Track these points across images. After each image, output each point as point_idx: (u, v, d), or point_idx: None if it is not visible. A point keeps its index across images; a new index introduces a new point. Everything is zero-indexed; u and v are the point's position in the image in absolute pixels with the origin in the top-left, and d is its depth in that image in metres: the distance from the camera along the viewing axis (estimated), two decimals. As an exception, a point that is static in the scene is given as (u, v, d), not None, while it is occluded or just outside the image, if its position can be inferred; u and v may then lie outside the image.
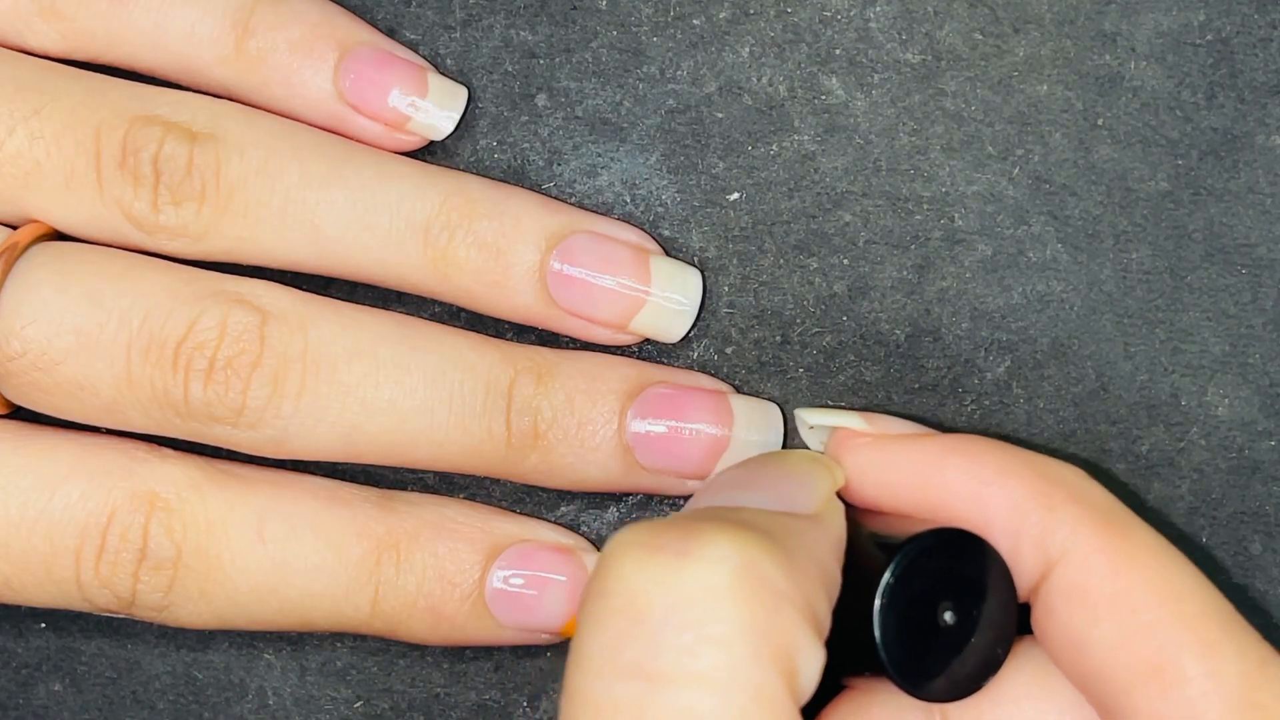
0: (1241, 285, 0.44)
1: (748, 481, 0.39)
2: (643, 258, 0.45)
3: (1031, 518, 0.39)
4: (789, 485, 0.39)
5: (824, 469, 0.40)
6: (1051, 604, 0.38)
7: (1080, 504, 0.39)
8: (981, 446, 0.40)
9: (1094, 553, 0.38)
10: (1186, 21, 0.45)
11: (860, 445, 0.41)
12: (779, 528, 0.36)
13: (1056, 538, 0.38)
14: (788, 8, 0.45)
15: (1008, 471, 0.39)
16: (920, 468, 0.40)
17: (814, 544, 0.37)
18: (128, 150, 0.43)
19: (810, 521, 0.38)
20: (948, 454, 0.40)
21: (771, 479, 0.39)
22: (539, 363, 0.44)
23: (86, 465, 0.43)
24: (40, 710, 0.48)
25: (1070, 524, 0.38)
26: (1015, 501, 0.39)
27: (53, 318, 0.42)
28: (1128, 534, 0.38)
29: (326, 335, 0.43)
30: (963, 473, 0.39)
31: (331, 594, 0.44)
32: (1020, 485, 0.39)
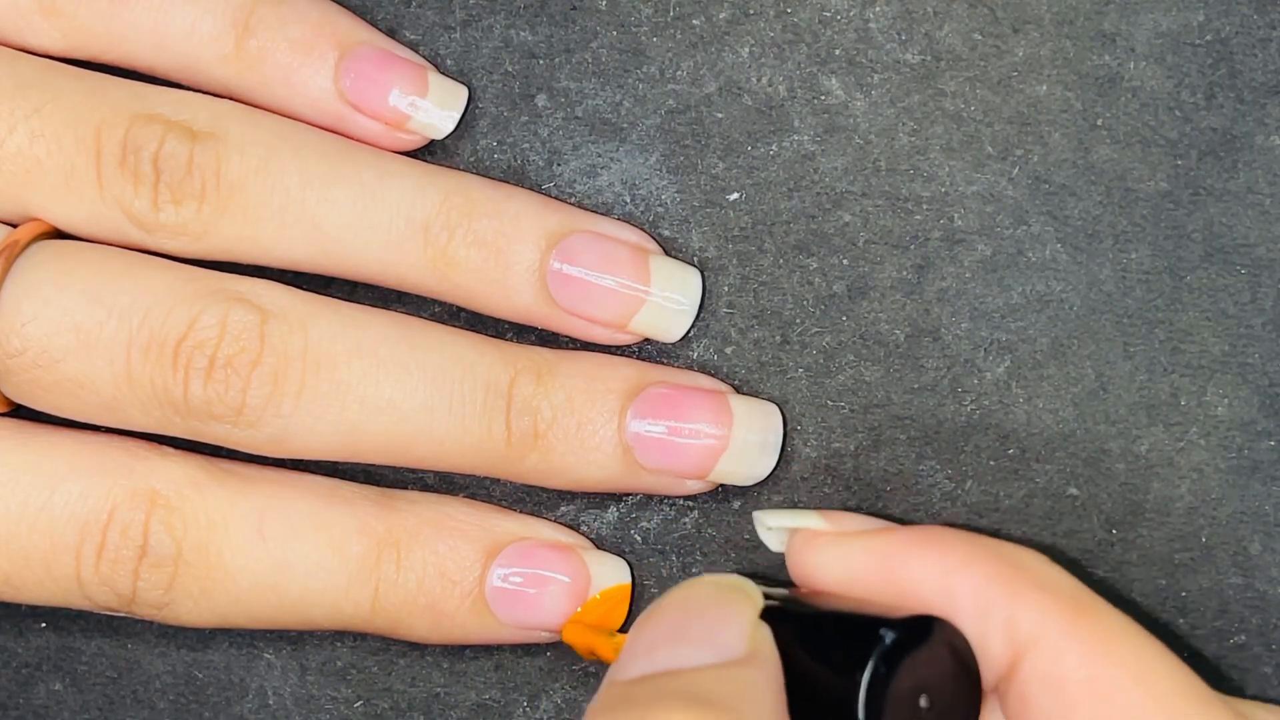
0: (1241, 285, 0.44)
1: (675, 634, 0.38)
2: (642, 257, 0.45)
3: (998, 604, 0.38)
4: (715, 629, 0.38)
5: (740, 594, 0.40)
6: (1024, 692, 0.38)
7: (1045, 590, 0.39)
8: (944, 536, 0.40)
9: (1064, 639, 0.38)
10: (1186, 22, 0.45)
11: (822, 544, 0.41)
12: (724, 687, 0.36)
13: (1024, 624, 0.38)
14: (788, 8, 0.45)
15: (971, 560, 0.39)
16: (884, 561, 0.40)
17: (758, 691, 0.37)
18: (128, 149, 0.43)
19: (748, 665, 0.37)
20: (911, 546, 0.40)
21: (696, 626, 0.38)
22: (539, 362, 0.44)
23: (87, 463, 0.43)
24: (40, 710, 0.48)
25: (1038, 610, 0.38)
26: (981, 589, 0.39)
27: (53, 315, 0.42)
28: (1096, 618, 0.38)
29: (327, 334, 0.43)
30: (927, 564, 0.39)
31: (332, 591, 0.44)
32: (985, 572, 0.39)
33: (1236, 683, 0.45)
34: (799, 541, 0.41)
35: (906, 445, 0.45)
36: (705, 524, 0.46)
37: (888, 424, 0.45)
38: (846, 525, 0.41)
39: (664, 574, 0.46)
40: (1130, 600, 0.45)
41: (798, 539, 0.41)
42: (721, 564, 0.46)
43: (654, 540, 0.46)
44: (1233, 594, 0.45)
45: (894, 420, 0.45)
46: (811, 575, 0.41)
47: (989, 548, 0.39)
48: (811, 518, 0.42)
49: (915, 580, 0.39)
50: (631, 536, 0.46)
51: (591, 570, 0.45)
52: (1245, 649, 0.45)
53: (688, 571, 0.46)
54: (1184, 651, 0.43)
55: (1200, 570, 0.45)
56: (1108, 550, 0.45)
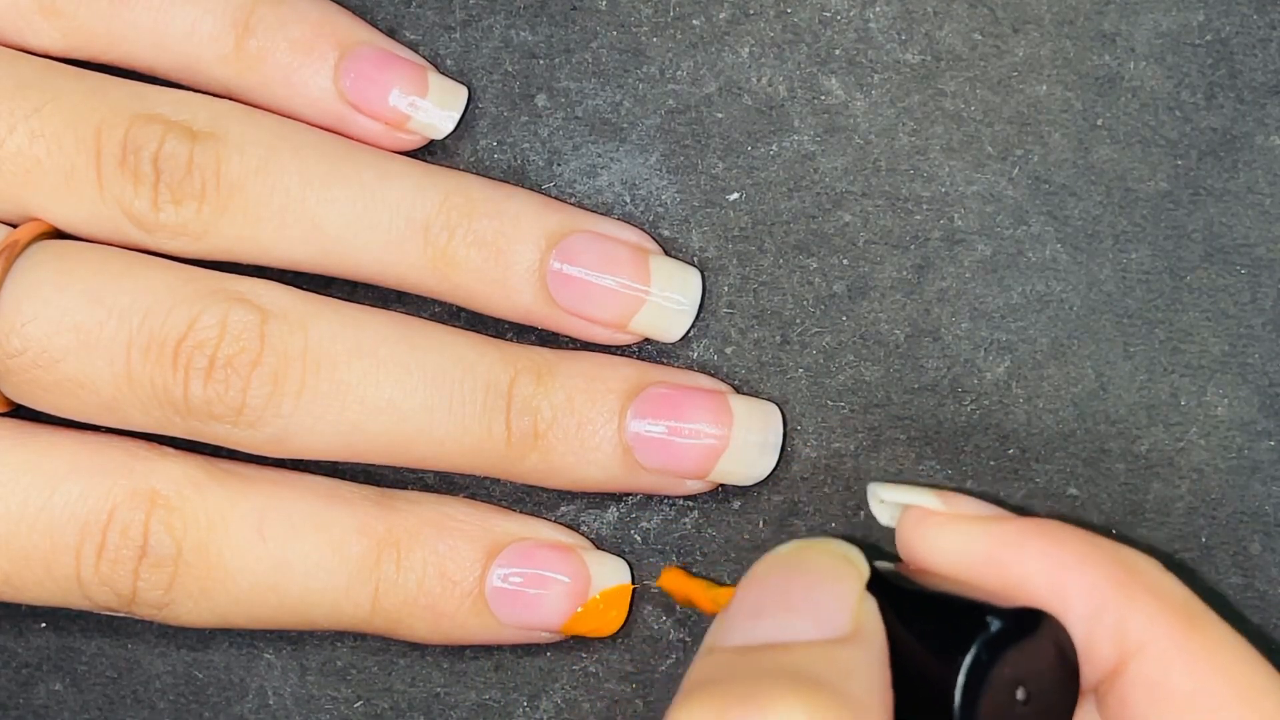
0: (1241, 285, 0.45)
1: (783, 602, 0.38)
2: (642, 257, 0.45)
3: (1110, 607, 0.38)
4: (824, 601, 0.38)
5: (849, 565, 0.39)
6: (1126, 696, 0.38)
7: (1158, 597, 0.38)
8: (1061, 531, 0.39)
9: (1172, 648, 0.38)
10: (1186, 22, 0.45)
11: (935, 525, 0.40)
12: (833, 667, 0.36)
13: (1134, 629, 0.38)
14: (788, 8, 0.45)
15: (1087, 559, 0.39)
16: (997, 549, 0.39)
17: (866, 671, 0.37)
18: (128, 149, 0.43)
19: (854, 643, 0.37)
20: (1026, 537, 0.39)
21: (806, 596, 0.38)
22: (539, 362, 0.44)
23: (87, 463, 0.43)
24: (40, 710, 0.48)
25: (1149, 617, 0.38)
26: (1094, 589, 0.38)
27: (53, 315, 0.42)
28: (1205, 630, 0.38)
29: (327, 334, 0.43)
30: (1042, 557, 0.39)
31: (332, 592, 0.44)
32: (1100, 573, 0.39)
33: (1236, 683, 0.45)
34: (912, 518, 0.41)
35: (906, 445, 0.45)
36: (705, 524, 0.46)
37: (888, 424, 0.45)
38: (962, 507, 0.41)
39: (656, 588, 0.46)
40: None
41: (911, 515, 0.41)
42: (721, 564, 0.46)
43: (654, 540, 0.46)
44: (1233, 594, 0.45)
45: (894, 420, 0.45)
46: (921, 554, 0.41)
47: (1105, 548, 0.39)
48: (928, 496, 0.41)
49: (1028, 572, 0.39)
50: (631, 536, 0.46)
51: (591, 570, 0.45)
52: (1245, 649, 0.45)
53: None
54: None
55: (1200, 570, 0.45)
56: (1108, 550, 0.45)
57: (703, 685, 0.36)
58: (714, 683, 0.36)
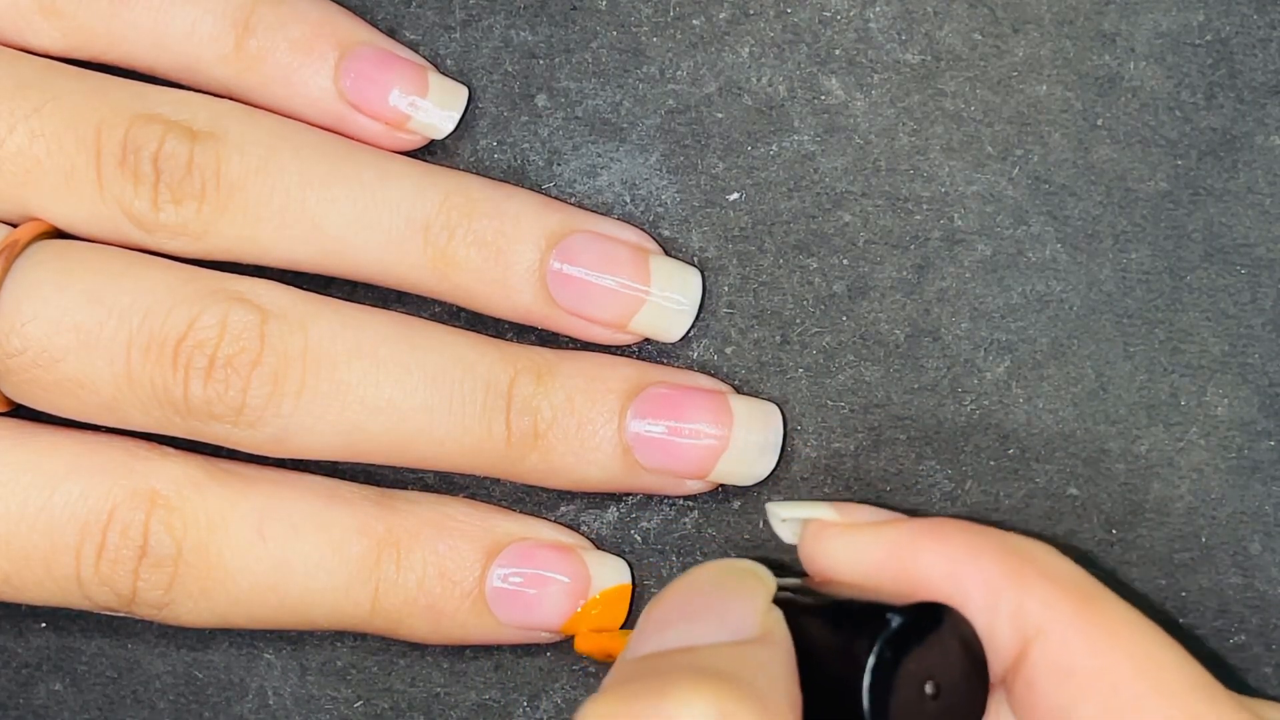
0: (1241, 285, 0.44)
1: (689, 612, 0.39)
2: (642, 257, 0.45)
3: (1006, 595, 0.39)
4: (729, 608, 0.38)
5: (753, 577, 0.40)
6: (1032, 681, 0.38)
7: (1053, 580, 0.39)
8: (952, 528, 0.40)
9: (1071, 629, 0.38)
10: (1186, 22, 0.45)
11: (834, 534, 0.41)
12: (738, 663, 0.36)
13: (1032, 614, 0.38)
14: (788, 8, 0.45)
15: (979, 551, 0.39)
16: (894, 552, 0.40)
17: (772, 669, 0.37)
18: (128, 149, 0.43)
19: (761, 644, 0.38)
20: (920, 537, 0.40)
21: (710, 606, 0.39)
22: (539, 362, 0.44)
23: (87, 463, 0.43)
24: (40, 710, 0.48)
25: (1045, 600, 0.38)
26: (989, 579, 0.39)
27: (53, 315, 0.42)
28: (1103, 609, 0.38)
29: (327, 334, 0.43)
30: (936, 554, 0.39)
31: (332, 592, 0.44)
32: (992, 563, 0.39)
33: (1237, 683, 0.45)
34: (811, 532, 0.41)
35: (906, 445, 0.45)
36: (705, 524, 0.46)
37: (888, 424, 0.45)
38: (858, 516, 0.41)
39: (664, 574, 0.46)
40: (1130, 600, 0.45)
41: (810, 530, 0.41)
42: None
43: (654, 540, 0.46)
44: (1233, 594, 0.45)
45: (894, 420, 0.45)
46: (823, 565, 0.41)
47: (997, 538, 0.40)
48: (823, 509, 0.42)
49: (925, 570, 0.39)
50: (631, 536, 0.46)
51: (591, 570, 0.45)
52: (1245, 649, 0.45)
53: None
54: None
55: (1200, 570, 0.45)
56: (1108, 550, 0.45)
57: (609, 686, 0.36)
58: (620, 682, 0.36)
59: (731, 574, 0.40)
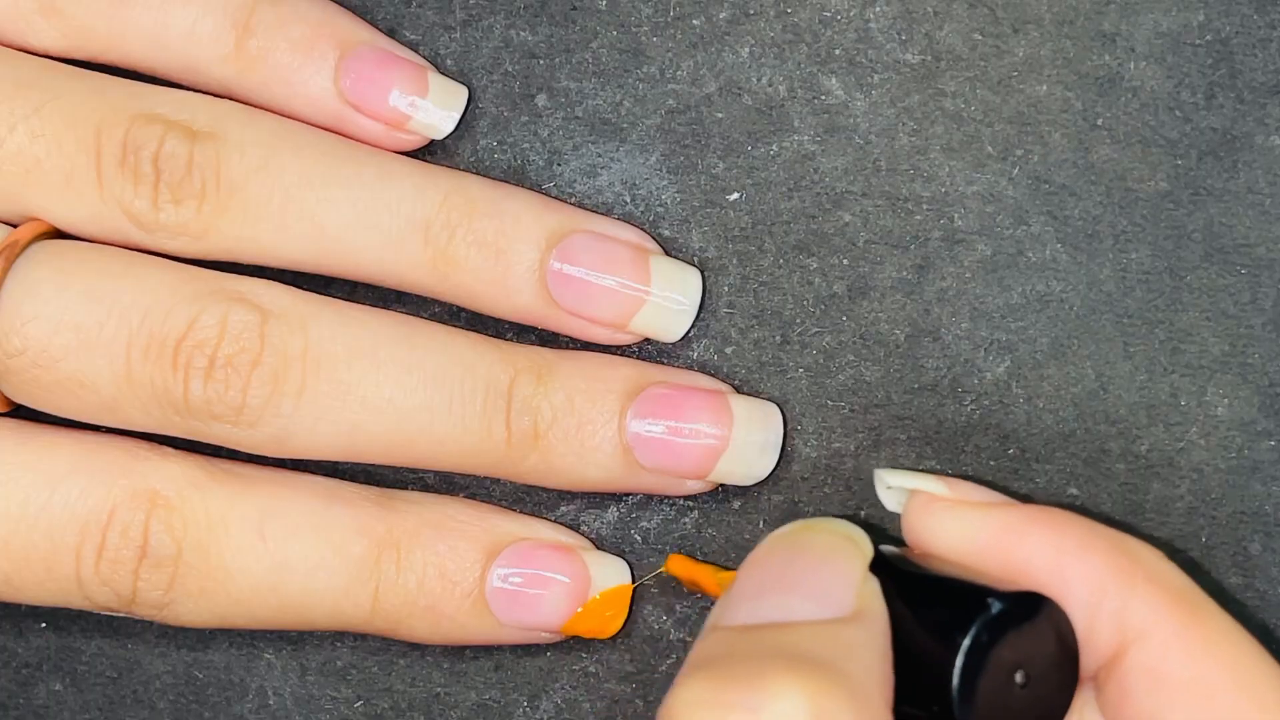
0: (1241, 285, 0.44)
1: (786, 582, 0.38)
2: (642, 257, 0.45)
3: (1111, 594, 0.38)
4: (827, 581, 0.38)
5: (853, 545, 0.40)
6: (1125, 683, 0.38)
7: (1159, 586, 0.39)
8: (1064, 519, 0.40)
9: (1172, 636, 0.38)
10: (1186, 22, 0.45)
11: (941, 510, 0.41)
12: (834, 648, 0.36)
13: (1134, 617, 0.38)
14: (788, 8, 0.45)
15: (1089, 546, 0.39)
16: (1001, 535, 0.40)
17: (867, 653, 0.37)
18: (128, 149, 0.43)
19: (856, 623, 0.37)
20: (1030, 524, 0.40)
21: (809, 576, 0.38)
22: (539, 362, 0.44)
23: (87, 463, 0.43)
24: (40, 710, 0.48)
25: (1149, 604, 0.38)
26: (1095, 576, 0.39)
27: (53, 315, 0.42)
28: (1205, 619, 0.38)
29: (327, 334, 0.43)
30: (1044, 544, 0.39)
31: (332, 592, 0.44)
32: (1101, 561, 0.39)
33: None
34: (918, 504, 0.41)
35: (906, 445, 0.45)
36: (705, 524, 0.46)
37: (888, 424, 0.45)
38: (968, 494, 0.41)
39: (664, 574, 0.46)
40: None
41: (917, 501, 0.41)
42: (721, 564, 0.46)
43: (654, 540, 0.46)
44: (1233, 594, 0.45)
45: (894, 420, 0.45)
46: (926, 539, 0.41)
47: (1108, 536, 0.39)
48: (934, 482, 0.41)
49: (1030, 558, 0.39)
50: (631, 536, 0.46)
51: (592, 571, 0.45)
52: (1245, 649, 0.45)
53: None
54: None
55: (1200, 570, 0.45)
56: (1108, 550, 0.45)
57: (701, 665, 0.36)
58: (713, 662, 0.36)
59: (831, 539, 0.40)
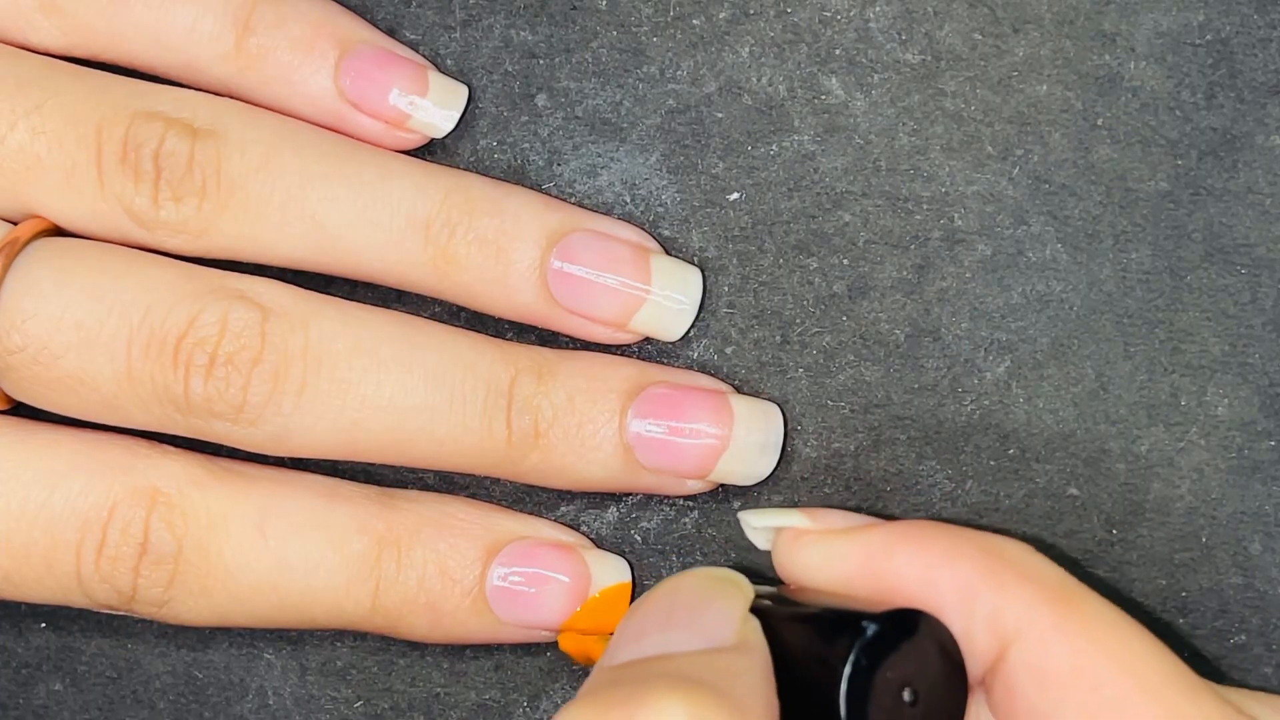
0: (1241, 285, 0.45)
1: (665, 621, 0.38)
2: (643, 256, 0.45)
3: (983, 597, 0.38)
4: (706, 617, 0.38)
5: (731, 586, 0.40)
6: (1011, 683, 0.38)
7: (1030, 581, 0.38)
8: (928, 531, 0.40)
9: (1050, 630, 0.38)
10: (1186, 21, 0.45)
11: (807, 543, 0.41)
12: (713, 671, 0.36)
13: (1009, 616, 0.38)
14: (788, 8, 0.45)
15: (955, 553, 0.39)
16: (868, 558, 0.40)
17: (748, 677, 0.37)
18: (129, 146, 0.43)
19: (737, 652, 0.37)
20: (895, 542, 0.40)
21: (687, 614, 0.39)
22: (539, 362, 0.44)
23: (87, 460, 0.43)
24: (40, 710, 0.48)
25: (1022, 602, 0.38)
26: (965, 582, 0.39)
27: (53, 313, 0.42)
28: (1081, 608, 0.38)
29: (327, 332, 0.43)
30: (911, 559, 0.39)
31: (332, 590, 0.44)
32: (969, 565, 0.39)
33: (1237, 683, 0.45)
34: (784, 540, 0.41)
35: (906, 445, 0.45)
36: (705, 524, 0.46)
37: (888, 424, 0.45)
38: (831, 522, 0.41)
39: (664, 574, 0.46)
40: (1130, 600, 0.45)
41: (783, 538, 0.41)
42: (721, 564, 0.46)
43: (654, 540, 0.46)
44: (1233, 594, 0.45)
45: (894, 420, 0.45)
46: (798, 573, 0.41)
47: (973, 540, 0.39)
48: (795, 516, 0.42)
49: (899, 575, 0.39)
50: (631, 536, 0.46)
51: (592, 569, 0.45)
52: (1245, 649, 0.45)
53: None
54: (1184, 651, 0.43)
55: (1200, 570, 0.45)
56: (1108, 550, 0.45)
57: (583, 695, 0.36)
58: (594, 691, 0.36)
59: (710, 582, 0.40)
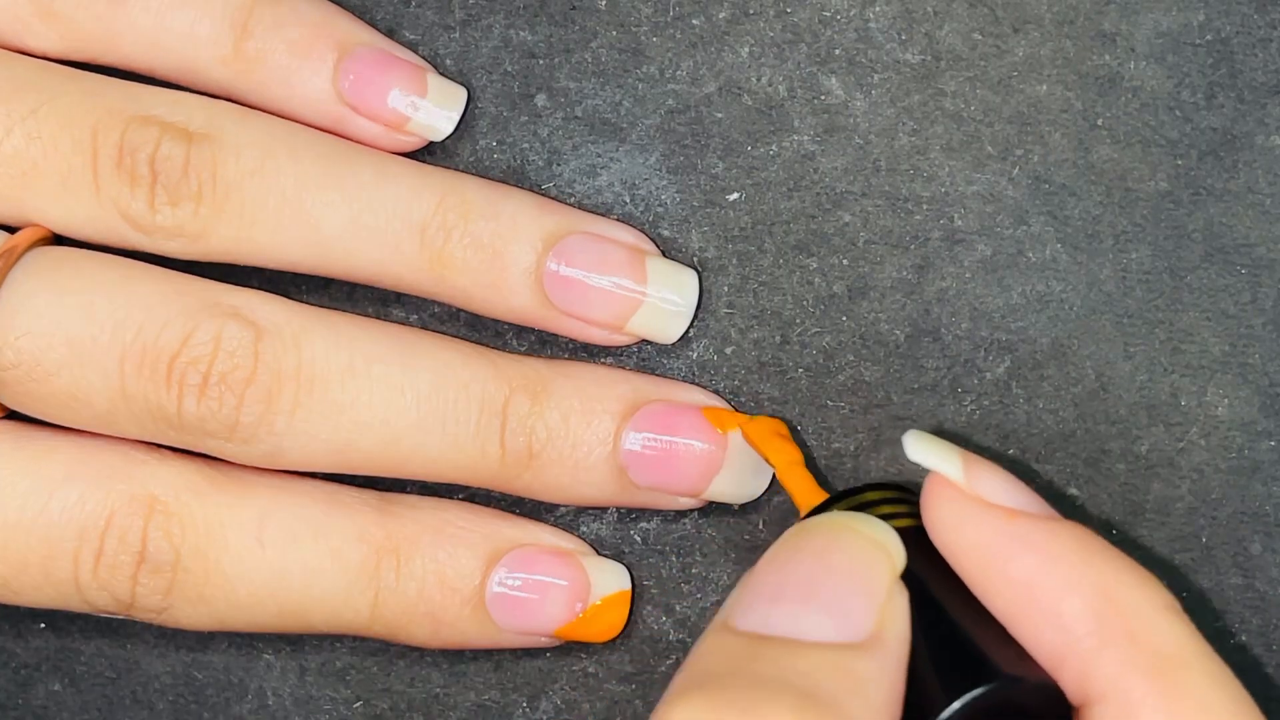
0: (1241, 285, 0.44)
1: (806, 593, 0.37)
2: (639, 258, 0.45)
3: (1081, 645, 0.37)
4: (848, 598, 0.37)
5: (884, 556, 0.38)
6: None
7: (1138, 645, 0.36)
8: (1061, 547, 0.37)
9: (1136, 704, 0.36)
10: (1186, 21, 0.45)
11: (947, 499, 0.39)
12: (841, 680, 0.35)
13: (1098, 676, 0.36)
14: (787, 8, 0.45)
15: (1074, 586, 0.37)
16: (991, 547, 0.38)
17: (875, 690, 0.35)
18: (124, 150, 0.43)
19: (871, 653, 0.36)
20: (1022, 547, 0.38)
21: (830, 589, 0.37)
22: (534, 379, 0.44)
23: (85, 468, 0.43)
24: (40, 710, 0.48)
25: (1118, 665, 0.36)
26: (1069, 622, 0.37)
27: (46, 329, 0.42)
28: (1180, 689, 0.36)
29: (320, 352, 0.43)
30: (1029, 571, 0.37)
31: (330, 598, 0.44)
32: (1081, 605, 0.37)
33: (1236, 683, 0.45)
34: (931, 485, 0.39)
35: (906, 446, 0.45)
36: (705, 524, 0.46)
37: (888, 424, 0.45)
38: (981, 488, 0.39)
39: (663, 575, 0.46)
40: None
41: (931, 483, 0.39)
42: (721, 565, 0.46)
43: (653, 541, 0.46)
44: (1233, 594, 0.45)
45: (894, 420, 0.45)
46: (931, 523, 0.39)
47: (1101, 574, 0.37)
48: (952, 461, 0.39)
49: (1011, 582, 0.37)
50: (631, 537, 0.46)
51: (591, 576, 0.45)
52: (1245, 649, 0.45)
53: (687, 572, 0.46)
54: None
55: (1200, 571, 0.45)
56: (1108, 550, 0.45)
57: (702, 679, 0.35)
58: (714, 679, 0.35)
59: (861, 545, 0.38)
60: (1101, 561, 0.37)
